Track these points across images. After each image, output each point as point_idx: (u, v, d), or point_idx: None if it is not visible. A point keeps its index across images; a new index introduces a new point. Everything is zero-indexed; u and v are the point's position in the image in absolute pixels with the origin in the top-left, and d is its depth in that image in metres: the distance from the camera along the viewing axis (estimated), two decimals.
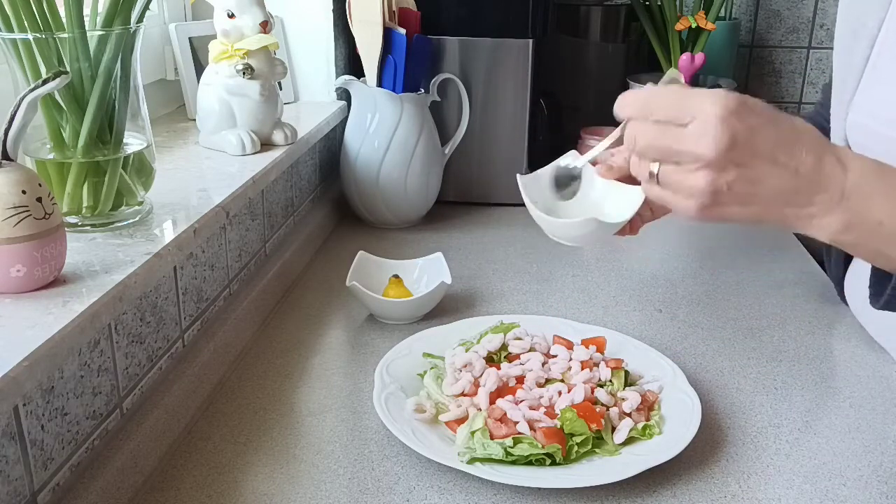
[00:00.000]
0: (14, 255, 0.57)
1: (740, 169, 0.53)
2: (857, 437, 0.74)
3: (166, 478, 0.67)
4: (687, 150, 0.53)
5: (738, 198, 0.54)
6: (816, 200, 0.53)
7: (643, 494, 0.66)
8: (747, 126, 0.52)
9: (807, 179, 0.53)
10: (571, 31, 1.57)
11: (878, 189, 0.53)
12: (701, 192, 0.54)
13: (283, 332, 0.93)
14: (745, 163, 0.53)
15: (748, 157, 0.53)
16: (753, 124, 0.52)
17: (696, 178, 0.53)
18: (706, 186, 0.53)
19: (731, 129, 0.52)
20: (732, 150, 0.52)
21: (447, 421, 0.73)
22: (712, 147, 0.52)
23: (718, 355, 0.89)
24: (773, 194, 0.54)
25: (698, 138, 0.52)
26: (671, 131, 0.54)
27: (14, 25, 0.64)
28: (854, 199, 0.53)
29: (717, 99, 0.52)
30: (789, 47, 1.83)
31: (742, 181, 0.53)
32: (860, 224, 0.53)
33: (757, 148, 0.53)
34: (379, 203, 1.23)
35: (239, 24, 0.97)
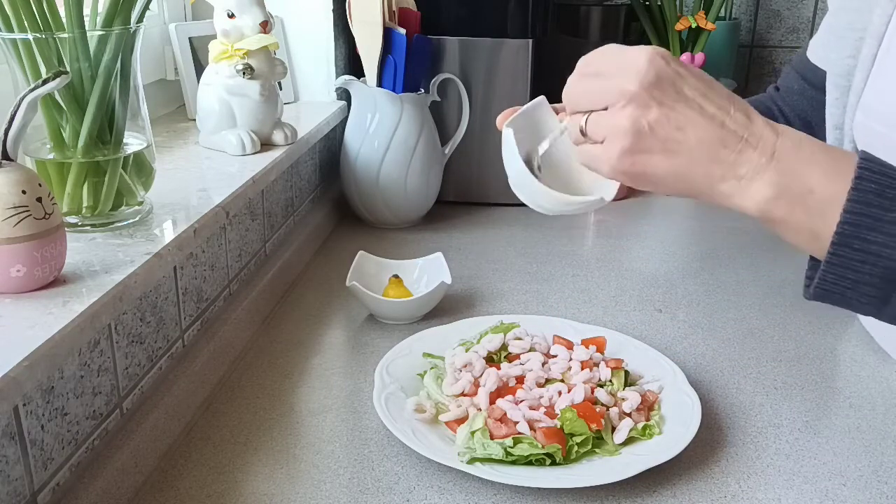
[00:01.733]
0: (14, 255, 0.57)
1: (664, 108, 0.51)
2: (857, 437, 0.74)
3: (166, 478, 0.67)
4: (612, 86, 0.53)
5: (662, 143, 0.52)
6: (744, 159, 0.51)
7: (643, 494, 0.66)
8: (674, 70, 0.52)
9: (735, 134, 0.51)
10: (571, 31, 1.57)
11: (809, 155, 0.51)
12: (624, 131, 0.52)
13: (283, 332, 0.93)
14: (668, 104, 0.51)
15: (672, 97, 0.52)
16: (681, 71, 0.52)
17: (619, 116, 0.52)
18: (629, 124, 0.52)
19: (656, 67, 0.51)
20: (656, 87, 0.51)
21: (447, 421, 0.73)
22: (635, 81, 0.51)
23: (718, 355, 0.89)
24: (698, 144, 0.52)
25: (624, 75, 0.52)
26: (601, 77, 0.54)
27: (14, 25, 0.64)
28: (785, 161, 0.51)
29: (648, 47, 0.53)
30: (789, 47, 1.84)
31: (665, 123, 0.51)
32: (791, 190, 0.51)
33: (682, 91, 0.52)
34: (379, 203, 1.23)
35: (239, 24, 0.97)
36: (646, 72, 0.51)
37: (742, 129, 0.52)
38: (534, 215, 1.36)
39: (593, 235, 1.27)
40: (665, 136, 0.52)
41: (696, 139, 0.52)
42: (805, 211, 0.51)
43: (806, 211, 0.51)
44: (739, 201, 0.52)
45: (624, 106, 0.52)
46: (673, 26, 1.49)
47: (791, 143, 0.51)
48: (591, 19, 1.58)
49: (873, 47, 0.70)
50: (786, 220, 0.52)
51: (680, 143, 0.52)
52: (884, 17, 0.69)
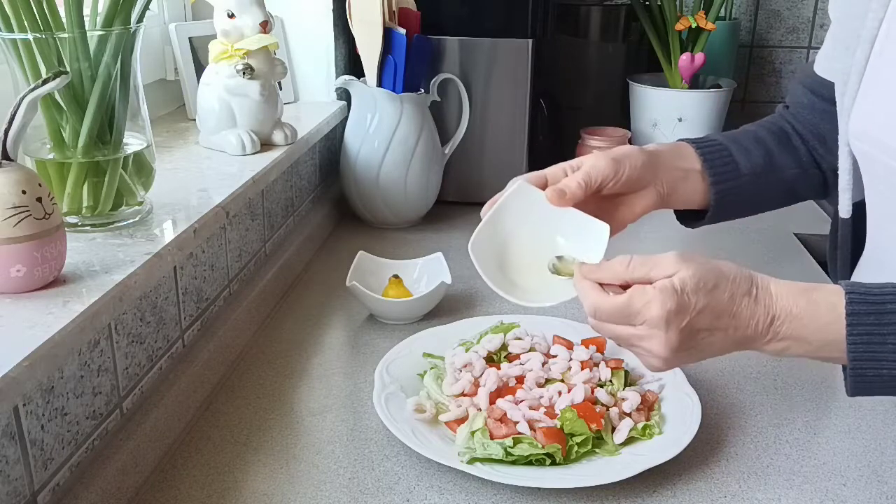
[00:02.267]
0: (14, 255, 0.57)
1: (689, 351, 0.62)
2: (857, 437, 0.74)
3: (166, 478, 0.67)
4: (644, 347, 0.62)
5: (693, 359, 0.63)
6: (756, 342, 0.62)
7: (643, 494, 0.66)
8: (688, 320, 0.60)
9: (744, 332, 0.62)
10: (571, 31, 1.57)
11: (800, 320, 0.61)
12: (658, 368, 0.64)
13: (283, 332, 0.93)
14: (693, 345, 0.62)
15: (694, 341, 0.61)
16: (693, 314, 0.60)
17: (654, 361, 0.63)
18: (662, 366, 0.63)
19: (675, 328, 0.60)
20: (681, 344, 0.61)
21: (447, 421, 0.73)
22: (664, 348, 0.61)
23: None
24: (721, 349, 0.63)
25: (651, 340, 0.61)
26: (626, 330, 0.63)
27: (14, 25, 0.64)
28: (783, 332, 0.61)
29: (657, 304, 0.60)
30: (789, 47, 1.84)
31: (693, 354, 0.62)
32: (795, 348, 0.62)
33: (700, 330, 0.61)
34: (379, 203, 1.23)
35: (239, 24, 0.97)
36: (668, 338, 0.60)
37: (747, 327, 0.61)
38: None
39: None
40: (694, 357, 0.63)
41: (718, 349, 0.63)
42: (814, 353, 0.62)
43: (815, 353, 0.62)
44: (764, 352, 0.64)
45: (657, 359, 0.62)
46: (673, 26, 1.49)
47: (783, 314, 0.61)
48: (591, 19, 1.58)
49: (866, 51, 0.71)
50: (806, 356, 0.63)
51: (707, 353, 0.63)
52: (876, 21, 0.70)
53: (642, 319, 0.61)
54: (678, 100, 1.48)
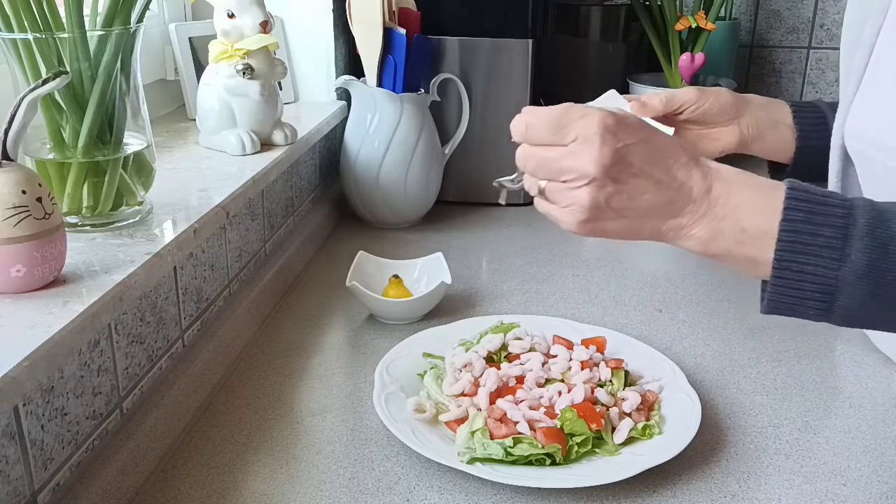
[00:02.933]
0: (14, 255, 0.57)
1: (618, 185, 0.57)
2: (857, 437, 0.74)
3: (166, 478, 0.67)
4: (571, 166, 0.57)
5: (616, 212, 0.58)
6: (686, 211, 0.58)
7: (643, 494, 0.66)
8: (624, 144, 0.57)
9: (678, 192, 0.58)
10: (571, 31, 1.57)
11: (739, 197, 0.57)
12: (582, 207, 0.58)
13: (283, 332, 0.93)
14: (622, 179, 0.57)
15: (625, 173, 0.57)
16: (629, 142, 0.57)
17: (578, 193, 0.58)
18: (588, 201, 0.57)
19: (610, 146, 0.56)
20: (613, 166, 0.56)
21: (447, 421, 0.73)
22: (594, 164, 0.56)
23: (718, 355, 0.89)
24: (648, 207, 0.58)
25: (580, 156, 0.57)
26: (555, 151, 0.58)
27: (14, 25, 0.64)
28: (718, 207, 0.57)
29: (594, 118, 0.57)
30: (789, 47, 1.84)
31: (620, 196, 0.57)
32: (725, 231, 0.57)
33: (633, 164, 0.57)
34: (379, 203, 1.23)
35: (239, 24, 0.97)
36: (601, 153, 0.56)
37: (684, 186, 0.57)
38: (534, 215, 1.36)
39: None
40: (619, 206, 0.58)
41: (645, 205, 0.58)
42: (740, 246, 0.57)
43: (741, 246, 0.57)
44: (682, 244, 0.59)
45: (582, 186, 0.57)
46: (673, 26, 1.49)
47: (724, 187, 0.57)
48: (591, 19, 1.58)
49: (864, 57, 0.72)
50: (724, 255, 0.58)
51: (631, 209, 0.58)
52: (874, 28, 0.71)
53: (576, 134, 0.57)
54: None
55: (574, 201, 0.58)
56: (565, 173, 0.58)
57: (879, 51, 0.71)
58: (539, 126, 0.59)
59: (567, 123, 0.57)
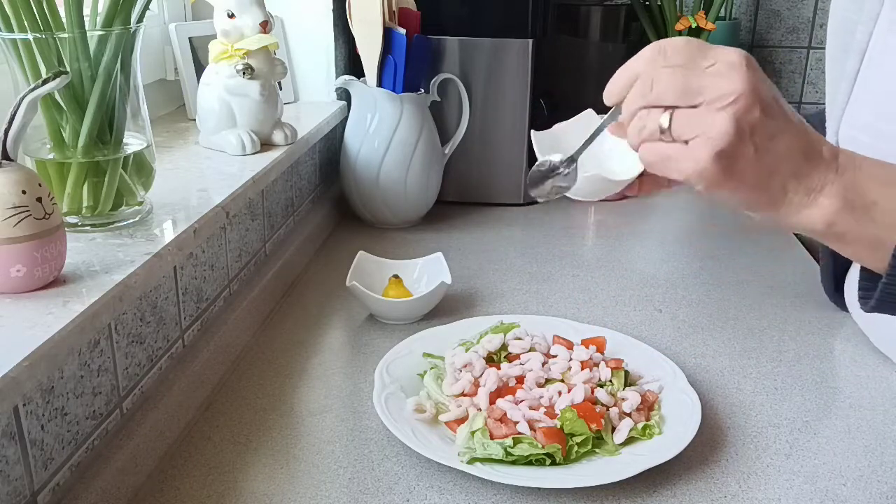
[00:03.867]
0: (14, 255, 0.57)
1: (764, 113, 0.50)
2: (857, 437, 0.74)
3: (166, 478, 0.67)
4: (716, 84, 0.50)
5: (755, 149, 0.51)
6: (817, 172, 0.52)
7: (643, 494, 0.66)
8: (765, 77, 0.51)
9: (811, 145, 0.52)
10: (571, 31, 1.57)
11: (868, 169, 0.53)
12: (724, 132, 0.50)
13: (283, 332, 0.93)
14: (768, 108, 0.51)
15: (771, 102, 0.51)
16: (768, 79, 0.52)
17: (721, 116, 0.50)
18: (732, 125, 0.50)
19: (754, 71, 0.50)
20: (759, 89, 0.50)
21: (447, 421, 0.73)
22: (743, 81, 0.50)
23: (718, 355, 0.89)
24: (785, 154, 0.52)
25: (725, 75, 0.50)
26: (693, 71, 0.51)
27: (14, 25, 0.64)
28: (848, 176, 0.52)
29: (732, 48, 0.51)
30: (789, 47, 1.84)
31: (764, 128, 0.51)
32: (855, 202, 0.52)
33: (776, 98, 0.51)
34: (379, 203, 1.23)
35: (239, 24, 0.97)
36: (748, 73, 0.50)
37: (813, 143, 0.52)
38: (533, 215, 1.37)
39: (593, 235, 1.27)
40: (760, 143, 0.51)
41: (783, 148, 0.51)
42: (868, 222, 0.52)
43: (869, 221, 0.52)
44: (808, 213, 0.53)
45: (727, 105, 0.50)
46: (673, 26, 1.49)
47: (848, 158, 0.53)
48: (591, 19, 1.58)
49: (856, 63, 0.72)
50: (850, 231, 0.53)
51: (769, 150, 0.51)
52: (866, 34, 0.71)
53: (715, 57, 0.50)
54: None
55: (713, 126, 0.50)
56: (706, 92, 0.50)
57: (871, 57, 0.71)
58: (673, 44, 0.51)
59: (707, 47, 0.51)
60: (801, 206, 0.53)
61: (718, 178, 0.51)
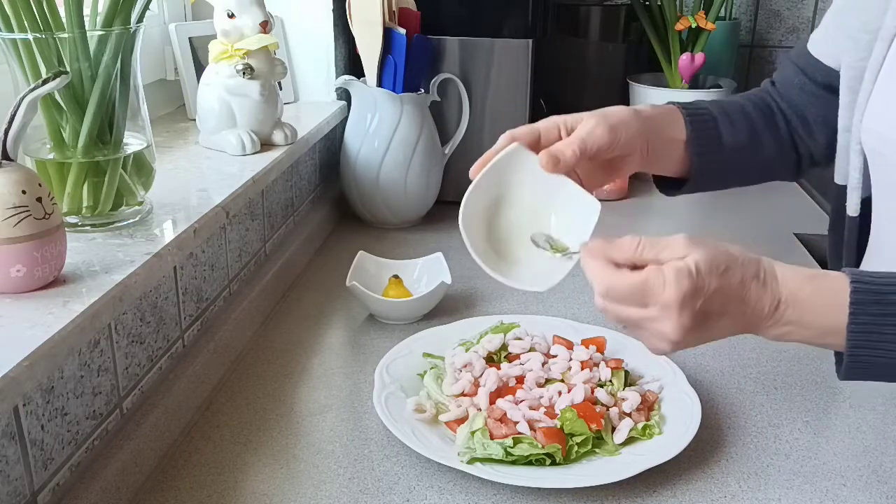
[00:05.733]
0: (14, 255, 0.57)
1: (698, 333, 0.60)
2: (857, 437, 0.74)
3: (166, 478, 0.67)
4: (654, 329, 0.60)
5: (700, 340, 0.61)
6: (759, 325, 0.62)
7: (643, 494, 0.66)
8: (702, 302, 0.59)
9: (751, 316, 0.61)
10: (571, 31, 1.57)
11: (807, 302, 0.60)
12: (666, 348, 0.61)
13: (283, 332, 0.93)
14: (702, 327, 0.60)
15: (705, 324, 0.60)
16: (707, 295, 0.59)
17: (662, 344, 0.61)
18: (670, 347, 0.61)
19: (689, 312, 0.58)
20: (692, 328, 0.59)
21: (447, 421, 0.73)
22: (675, 331, 0.59)
23: (718, 355, 0.88)
24: (725, 333, 0.62)
25: (662, 322, 0.59)
26: (638, 312, 0.60)
27: (14, 25, 0.64)
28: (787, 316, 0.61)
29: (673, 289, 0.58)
30: (789, 47, 1.83)
31: (700, 338, 0.61)
32: (795, 333, 0.61)
33: (712, 314, 0.59)
34: (379, 203, 1.23)
35: (239, 24, 0.97)
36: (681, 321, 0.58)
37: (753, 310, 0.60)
38: None
39: (593, 235, 1.27)
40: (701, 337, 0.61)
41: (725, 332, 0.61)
42: (814, 339, 0.62)
43: (815, 339, 0.62)
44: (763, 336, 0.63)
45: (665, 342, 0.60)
46: (673, 26, 1.49)
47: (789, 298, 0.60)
48: (591, 19, 1.58)
49: (883, 49, 0.70)
50: (803, 342, 0.62)
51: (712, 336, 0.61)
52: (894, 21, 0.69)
53: (656, 300, 0.59)
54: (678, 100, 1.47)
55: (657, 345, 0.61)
56: (648, 330, 0.61)
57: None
58: (620, 291, 0.61)
59: (647, 292, 0.59)
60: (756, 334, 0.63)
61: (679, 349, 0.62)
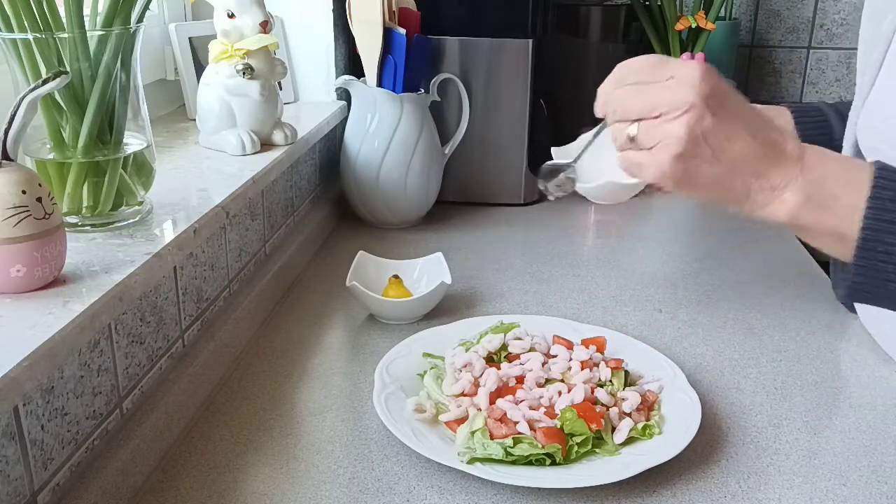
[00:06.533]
0: (14, 255, 0.57)
1: (717, 119, 0.55)
2: (857, 437, 0.74)
3: (166, 478, 0.67)
4: (669, 97, 0.56)
5: (711, 151, 0.56)
6: (778, 170, 0.56)
7: (643, 494, 0.66)
8: (721, 86, 0.56)
9: (772, 147, 0.56)
10: (571, 31, 1.57)
11: (832, 166, 0.56)
12: (679, 138, 0.56)
13: (283, 332, 0.93)
14: (722, 114, 0.55)
15: (724, 108, 0.55)
16: (726, 87, 0.57)
17: (675, 124, 0.56)
18: (685, 131, 0.55)
19: (709, 81, 0.55)
20: (711, 97, 0.55)
21: (447, 421, 0.73)
22: (694, 92, 0.55)
23: (718, 355, 0.89)
24: (742, 155, 0.56)
25: (679, 88, 0.55)
26: (652, 87, 0.57)
27: (14, 25, 0.64)
28: (811, 173, 0.56)
29: (692, 62, 0.56)
30: (789, 47, 1.84)
31: (717, 132, 0.56)
32: (818, 197, 0.56)
33: (731, 105, 0.56)
34: (379, 203, 1.23)
35: (239, 24, 0.97)
36: (701, 85, 0.55)
37: (777, 143, 0.56)
38: (534, 215, 1.37)
39: (593, 235, 1.27)
40: (715, 145, 0.56)
41: (740, 150, 0.56)
42: (831, 216, 0.56)
43: (831, 216, 0.56)
44: (772, 209, 0.57)
45: (680, 115, 0.55)
46: (673, 26, 1.49)
47: (816, 156, 0.56)
48: (591, 19, 1.58)
49: (881, 52, 0.71)
50: (813, 225, 0.56)
51: (726, 151, 0.56)
52: (893, 23, 0.70)
53: (673, 72, 0.56)
54: None
55: (669, 134, 0.56)
56: (661, 106, 0.56)
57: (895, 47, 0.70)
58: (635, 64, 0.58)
59: (665, 63, 0.56)
60: (765, 203, 0.57)
61: (681, 178, 0.57)
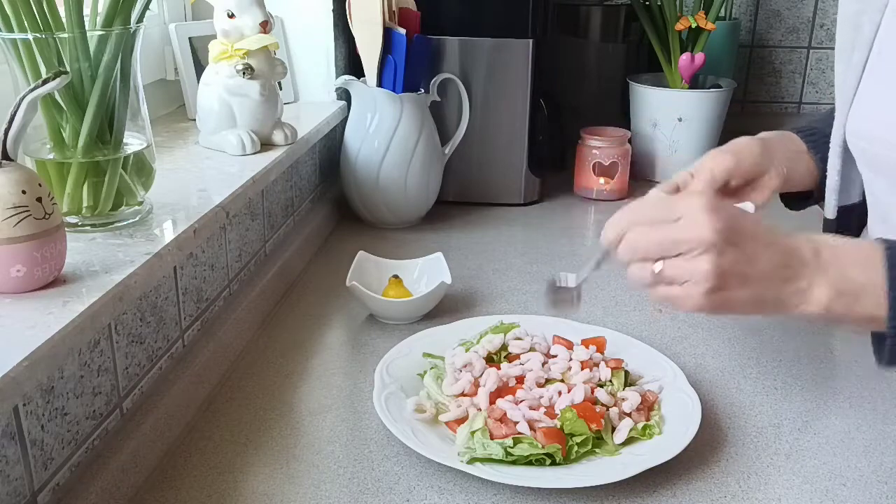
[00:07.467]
0: (14, 255, 0.57)
1: (737, 248, 0.58)
2: (857, 437, 0.74)
3: (166, 478, 0.67)
4: (687, 237, 0.58)
5: (739, 278, 0.58)
6: (803, 272, 0.59)
7: (643, 494, 0.66)
8: (730, 214, 0.59)
9: (790, 256, 0.59)
10: (571, 31, 1.57)
11: (845, 256, 0.59)
12: (706, 274, 0.58)
13: (283, 332, 0.93)
14: (739, 242, 0.58)
15: (740, 237, 0.58)
16: (734, 213, 0.59)
17: (700, 262, 0.58)
18: (711, 268, 0.58)
19: (718, 215, 0.58)
20: (726, 231, 0.58)
21: (447, 421, 0.73)
22: (710, 230, 0.57)
23: (718, 355, 0.89)
24: (768, 270, 0.59)
25: (693, 227, 0.58)
26: (666, 226, 0.59)
27: (14, 25, 0.64)
28: (832, 267, 0.59)
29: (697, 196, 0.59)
30: (789, 47, 1.84)
31: (740, 260, 0.58)
32: (846, 288, 0.58)
33: (745, 229, 0.59)
34: (379, 203, 1.23)
35: (239, 24, 0.97)
36: (713, 220, 0.58)
37: (791, 250, 0.59)
38: (533, 215, 1.37)
39: (593, 235, 1.27)
40: (740, 272, 0.58)
41: (763, 267, 0.58)
42: (858, 301, 0.58)
43: (858, 301, 0.58)
44: (806, 308, 0.59)
45: (702, 253, 0.58)
46: (673, 26, 1.49)
47: (828, 249, 0.59)
48: (591, 19, 1.58)
49: (863, 54, 0.72)
50: (845, 315, 0.59)
51: (752, 273, 0.58)
52: (872, 25, 0.71)
53: (682, 210, 0.58)
54: (678, 100, 1.48)
55: (696, 272, 0.58)
56: (681, 245, 0.58)
57: (879, 48, 0.71)
58: (642, 209, 0.60)
59: (668, 203, 0.59)
60: (797, 304, 0.60)
61: (718, 308, 0.59)
